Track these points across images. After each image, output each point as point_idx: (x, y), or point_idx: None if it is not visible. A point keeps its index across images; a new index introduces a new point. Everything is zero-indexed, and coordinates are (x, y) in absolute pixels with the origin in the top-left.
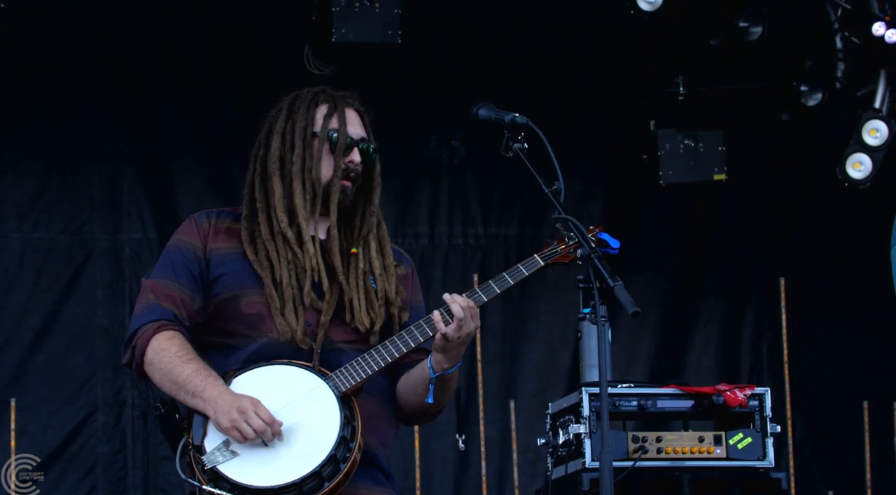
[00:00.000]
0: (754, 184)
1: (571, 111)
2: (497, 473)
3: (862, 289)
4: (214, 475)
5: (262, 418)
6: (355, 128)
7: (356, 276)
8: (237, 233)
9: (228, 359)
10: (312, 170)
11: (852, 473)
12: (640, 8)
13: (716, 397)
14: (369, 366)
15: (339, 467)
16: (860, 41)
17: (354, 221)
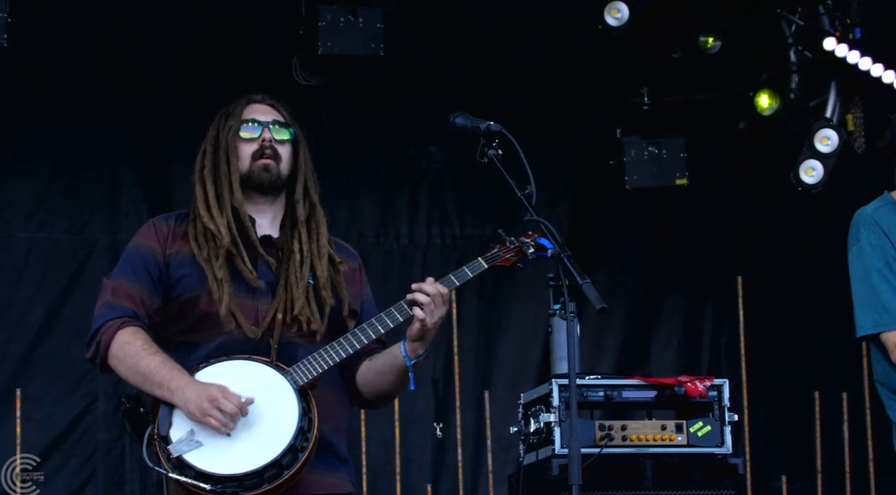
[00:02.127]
0: (713, 189)
1: (543, 119)
2: (472, 459)
3: (814, 287)
4: (180, 463)
5: (233, 402)
6: (264, 116)
7: (295, 273)
8: None
9: (190, 355)
10: (223, 163)
11: (804, 459)
12: (608, 23)
13: (677, 388)
14: (326, 360)
15: (297, 456)
16: (812, 55)
17: (296, 218)
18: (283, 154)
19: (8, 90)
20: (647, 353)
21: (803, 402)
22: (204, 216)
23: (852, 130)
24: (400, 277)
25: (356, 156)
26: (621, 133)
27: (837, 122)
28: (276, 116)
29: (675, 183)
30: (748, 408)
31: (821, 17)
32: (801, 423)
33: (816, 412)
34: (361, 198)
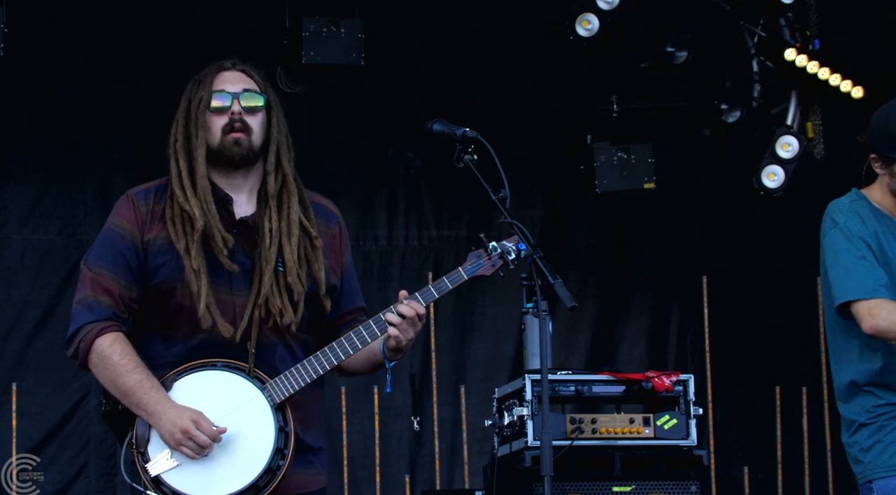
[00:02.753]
0: (680, 192)
1: (517, 126)
2: (448, 451)
3: (775, 286)
4: (157, 481)
5: (205, 434)
6: (233, 85)
7: (265, 257)
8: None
9: (168, 350)
10: (194, 137)
11: (765, 450)
12: (579, 34)
13: (645, 383)
14: (304, 376)
15: (274, 475)
16: (774, 65)
17: (263, 205)
18: (253, 125)
19: (4, 97)
20: (616, 350)
21: (765, 397)
22: (179, 196)
23: (812, 137)
24: (379, 278)
25: (337, 161)
26: (592, 139)
27: (798, 129)
28: (246, 84)
29: (643, 187)
30: (712, 402)
31: (782, 29)
32: (762, 417)
33: (777, 406)
34: (342, 202)
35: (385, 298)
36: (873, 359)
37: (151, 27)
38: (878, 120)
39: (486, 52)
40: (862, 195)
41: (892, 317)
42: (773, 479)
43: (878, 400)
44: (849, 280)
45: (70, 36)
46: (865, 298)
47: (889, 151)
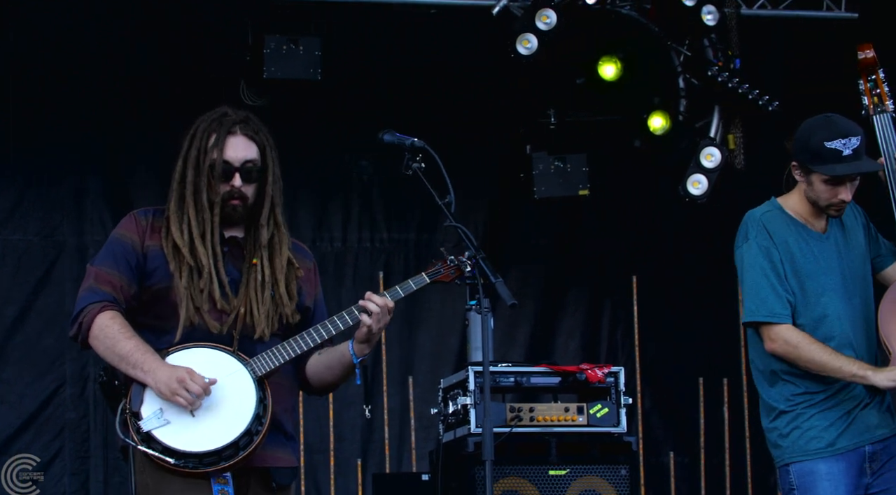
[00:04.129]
0: (612, 199)
1: (462, 136)
2: (397, 437)
3: (699, 284)
4: (148, 437)
5: (198, 384)
6: (238, 153)
7: (255, 288)
8: None
9: (160, 339)
10: (203, 193)
11: (689, 437)
12: (519, 52)
13: (579, 374)
14: (283, 355)
15: (252, 439)
16: (698, 82)
17: (250, 233)
18: (249, 193)
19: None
20: (553, 344)
21: (689, 387)
22: (183, 248)
23: (733, 148)
24: (334, 278)
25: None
26: (531, 149)
27: (720, 141)
28: (249, 152)
29: (578, 193)
30: (641, 393)
31: (706, 48)
32: (686, 406)
33: (700, 396)
34: (300, 206)
35: (339, 296)
36: None
37: (121, 42)
38: (803, 132)
39: (434, 69)
40: (777, 205)
41: (787, 347)
42: (697, 464)
43: (796, 389)
44: (753, 301)
45: (48, 48)
46: (766, 321)
47: (808, 162)
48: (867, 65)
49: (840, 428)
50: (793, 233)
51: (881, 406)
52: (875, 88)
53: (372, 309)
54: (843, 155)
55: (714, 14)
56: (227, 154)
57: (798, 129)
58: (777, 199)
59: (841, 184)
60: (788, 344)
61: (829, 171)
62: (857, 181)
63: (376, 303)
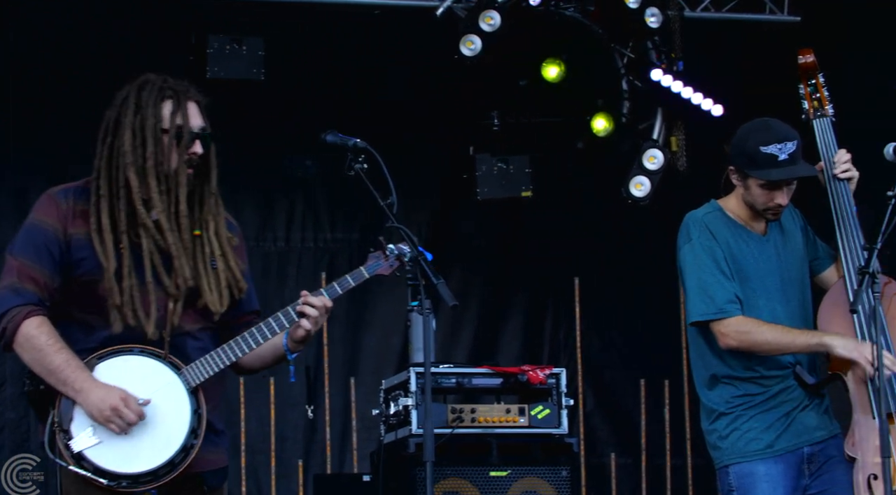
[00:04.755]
0: (554, 200)
1: (405, 137)
2: (339, 438)
3: (640, 287)
4: (79, 457)
5: (133, 411)
6: (196, 120)
7: (203, 261)
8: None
9: (88, 337)
10: (164, 164)
11: (630, 438)
12: (463, 54)
13: (521, 376)
14: (218, 363)
15: (188, 453)
16: (641, 84)
17: (194, 203)
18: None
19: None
20: (496, 345)
21: (630, 388)
22: (142, 213)
23: (675, 150)
24: (277, 277)
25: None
26: (473, 150)
27: (663, 143)
28: (203, 122)
29: (521, 195)
30: (582, 394)
31: (649, 51)
32: (628, 407)
33: (642, 397)
34: (244, 206)
35: (282, 295)
36: (730, 355)
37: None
38: (740, 136)
39: (378, 70)
40: (717, 206)
41: (740, 337)
42: (638, 464)
43: (735, 391)
44: (700, 300)
45: (48, 45)
46: (716, 318)
47: (745, 167)
48: (807, 69)
49: (779, 430)
50: (733, 234)
51: (820, 408)
52: (815, 92)
53: (310, 312)
54: (778, 160)
55: (657, 16)
56: (190, 121)
57: (735, 134)
58: (717, 201)
59: (777, 189)
60: (740, 332)
61: (764, 176)
62: (794, 185)
63: (314, 306)
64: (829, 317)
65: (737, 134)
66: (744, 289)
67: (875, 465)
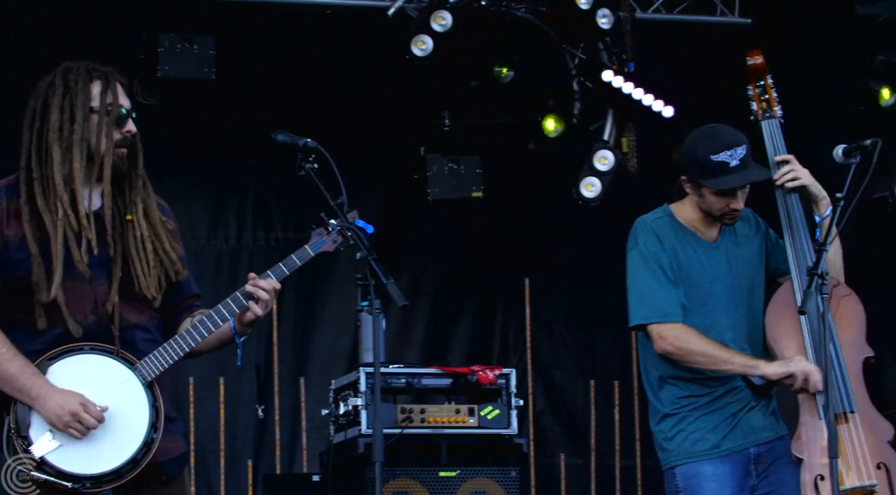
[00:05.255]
0: (505, 201)
1: (357, 137)
2: (289, 438)
3: (591, 287)
4: (41, 462)
5: (92, 416)
6: (125, 100)
7: (136, 245)
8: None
9: (34, 339)
10: (91, 140)
11: (580, 438)
12: (414, 54)
13: (470, 376)
14: (171, 355)
15: (150, 448)
16: (593, 85)
17: (124, 186)
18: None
19: None
20: (446, 345)
21: (580, 389)
22: (59, 185)
23: (626, 151)
24: (229, 275)
25: (190, 168)
26: (425, 151)
27: (614, 144)
28: (129, 102)
29: (471, 195)
30: (532, 395)
31: (600, 52)
32: (578, 407)
33: (591, 398)
34: (195, 204)
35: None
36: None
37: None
38: (689, 146)
39: (329, 70)
40: (669, 211)
41: (678, 343)
42: (587, 465)
43: (681, 392)
44: (642, 303)
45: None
46: (657, 322)
47: (697, 176)
48: (756, 70)
49: (724, 431)
50: (681, 240)
51: (766, 409)
52: (764, 94)
53: (261, 295)
54: (730, 166)
55: (609, 17)
56: (120, 99)
57: (684, 143)
58: (669, 206)
59: (732, 195)
60: (679, 340)
61: (719, 185)
62: (748, 188)
63: (265, 289)
64: (776, 317)
65: (685, 143)
66: (689, 296)
67: (822, 466)
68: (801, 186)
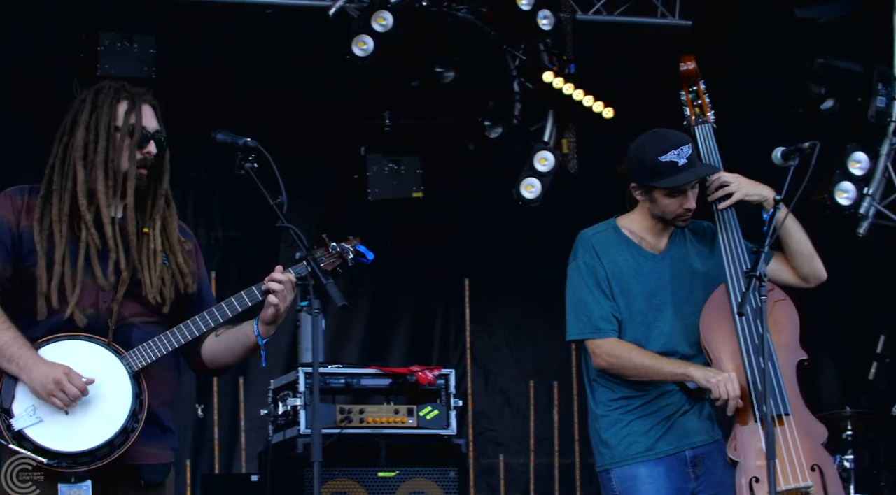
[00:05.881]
0: (445, 202)
1: (297, 137)
2: (228, 438)
3: (531, 287)
4: (20, 436)
5: (76, 385)
6: (151, 122)
7: (148, 255)
8: None
9: (32, 326)
10: (114, 160)
11: (520, 439)
12: (355, 54)
13: (409, 376)
14: (162, 347)
15: (128, 437)
16: (533, 86)
17: (147, 203)
18: (154, 164)
19: None
20: (385, 345)
21: (520, 389)
22: (83, 204)
23: (566, 153)
24: None
25: None
26: (365, 151)
27: (554, 145)
28: (157, 123)
29: (412, 195)
30: (472, 395)
31: (541, 53)
32: (518, 408)
33: (531, 398)
34: None
35: None
36: None
37: None
38: (635, 151)
39: (270, 69)
40: (613, 224)
41: (610, 359)
42: (526, 465)
43: (613, 394)
44: (577, 317)
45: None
46: (589, 337)
47: (647, 180)
48: (689, 76)
49: (658, 433)
50: (623, 252)
51: (701, 413)
52: (696, 99)
53: (276, 287)
54: (679, 165)
55: (550, 19)
56: (144, 121)
57: (629, 152)
58: (616, 219)
59: (683, 194)
60: (611, 356)
61: (670, 183)
62: (697, 188)
63: (279, 280)
64: (710, 322)
65: (630, 151)
66: (631, 307)
67: (757, 468)
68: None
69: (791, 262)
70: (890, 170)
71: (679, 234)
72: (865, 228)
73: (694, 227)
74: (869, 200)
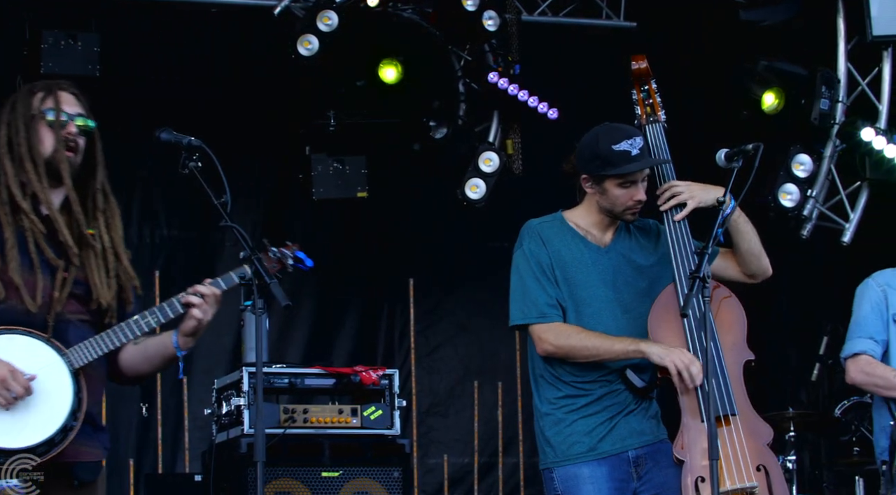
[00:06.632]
0: (390, 201)
1: (241, 136)
2: (172, 437)
3: (476, 288)
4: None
5: (20, 384)
6: (71, 107)
7: (95, 257)
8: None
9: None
10: (37, 146)
11: (464, 439)
12: (300, 53)
13: (353, 376)
14: (102, 346)
15: (67, 434)
16: (478, 87)
17: (85, 197)
18: (82, 145)
19: None
20: (329, 345)
21: (464, 390)
22: (17, 195)
23: (511, 153)
24: None
25: None
26: (310, 150)
27: (499, 146)
28: (80, 108)
29: (356, 195)
30: (416, 395)
31: (486, 54)
32: (462, 408)
33: (475, 398)
34: None
35: None
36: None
37: None
38: (588, 142)
39: (214, 68)
40: (560, 216)
41: (557, 342)
42: (471, 465)
43: (558, 393)
44: (521, 303)
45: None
46: (535, 322)
47: (598, 170)
48: (640, 75)
49: (602, 433)
50: (567, 243)
51: (646, 413)
52: (648, 98)
53: (195, 301)
54: (632, 154)
55: (495, 19)
56: (63, 106)
57: (579, 144)
58: (563, 212)
59: (634, 185)
60: (557, 339)
61: (623, 171)
62: (646, 181)
63: (202, 293)
64: (658, 320)
65: (581, 143)
66: (573, 298)
67: (702, 468)
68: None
69: (739, 260)
70: (833, 173)
71: (624, 230)
72: (809, 230)
73: (640, 224)
74: (812, 202)
